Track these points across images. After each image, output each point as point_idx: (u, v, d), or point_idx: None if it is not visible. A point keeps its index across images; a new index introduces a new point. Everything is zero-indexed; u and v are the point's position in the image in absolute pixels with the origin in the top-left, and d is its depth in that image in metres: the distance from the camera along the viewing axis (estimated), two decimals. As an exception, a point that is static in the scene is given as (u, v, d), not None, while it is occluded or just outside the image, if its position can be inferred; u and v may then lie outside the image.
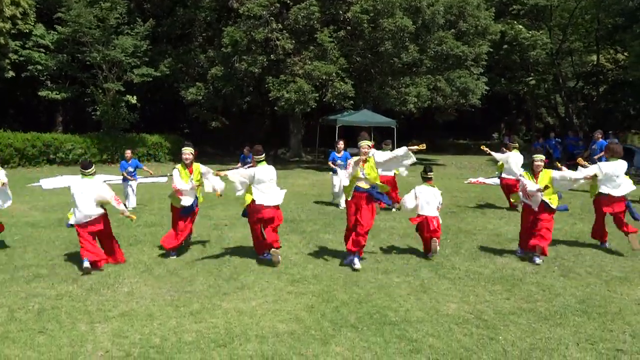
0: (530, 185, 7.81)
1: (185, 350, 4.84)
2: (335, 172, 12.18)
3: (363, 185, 7.42)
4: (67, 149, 21.14)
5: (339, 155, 12.52)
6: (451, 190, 14.79)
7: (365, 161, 7.37)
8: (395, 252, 8.34)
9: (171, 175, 8.27)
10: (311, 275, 7.07)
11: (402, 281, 6.86)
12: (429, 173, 8.31)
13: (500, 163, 12.47)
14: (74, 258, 7.70)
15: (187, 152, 7.99)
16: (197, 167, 8.06)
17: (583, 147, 21.38)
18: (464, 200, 13.43)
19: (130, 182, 12.13)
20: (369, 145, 7.49)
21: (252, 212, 7.65)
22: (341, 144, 12.75)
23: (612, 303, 6.14)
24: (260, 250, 7.91)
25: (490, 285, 6.77)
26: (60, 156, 20.89)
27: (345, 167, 11.67)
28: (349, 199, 7.52)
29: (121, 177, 12.29)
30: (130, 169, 12.17)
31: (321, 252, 8.31)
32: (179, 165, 8.06)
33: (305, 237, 9.31)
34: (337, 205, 12.53)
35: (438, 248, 7.92)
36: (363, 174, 7.37)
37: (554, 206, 7.85)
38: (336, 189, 12.48)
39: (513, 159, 12.00)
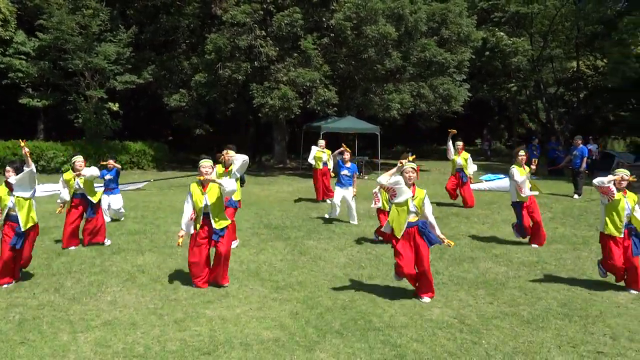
0: None
1: (169, 359, 4.81)
2: (341, 184, 11.17)
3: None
4: (49, 157, 20.89)
5: (347, 165, 11.31)
6: (435, 196, 14.86)
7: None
8: (379, 258, 8.37)
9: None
10: (295, 282, 7.07)
11: (386, 287, 6.89)
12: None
13: None
14: (56, 267, 7.62)
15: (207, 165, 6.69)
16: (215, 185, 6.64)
17: (563, 152, 21.54)
18: (448, 206, 13.52)
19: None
20: (413, 169, 6.28)
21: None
22: (347, 155, 11.55)
23: (593, 306, 6.23)
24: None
25: (474, 289, 6.84)
26: (42, 164, 20.63)
27: (350, 180, 11.17)
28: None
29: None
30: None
31: (305, 259, 8.32)
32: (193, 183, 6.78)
33: (289, 244, 9.30)
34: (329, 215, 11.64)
35: None
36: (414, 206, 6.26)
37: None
38: (337, 202, 11.23)
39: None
